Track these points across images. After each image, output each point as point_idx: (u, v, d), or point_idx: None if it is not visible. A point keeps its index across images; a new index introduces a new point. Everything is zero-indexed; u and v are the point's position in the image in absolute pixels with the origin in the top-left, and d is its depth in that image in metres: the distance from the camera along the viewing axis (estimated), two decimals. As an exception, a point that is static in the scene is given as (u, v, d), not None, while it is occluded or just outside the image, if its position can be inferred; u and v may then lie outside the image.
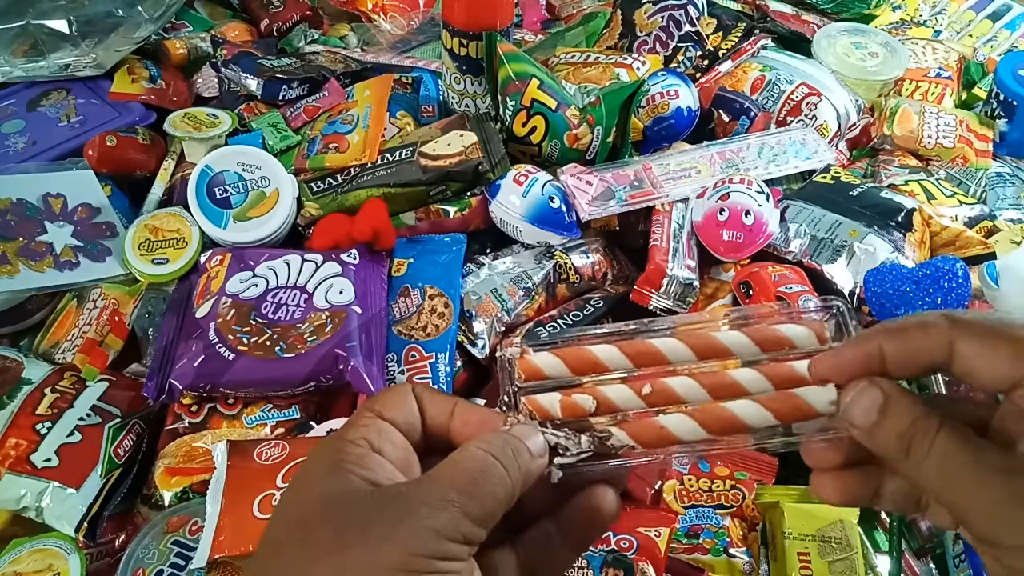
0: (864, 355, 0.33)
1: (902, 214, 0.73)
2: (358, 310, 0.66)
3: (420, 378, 0.65)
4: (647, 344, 0.36)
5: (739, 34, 0.97)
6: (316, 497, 0.30)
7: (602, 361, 0.36)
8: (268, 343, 0.62)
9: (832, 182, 0.79)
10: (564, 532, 0.35)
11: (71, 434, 0.61)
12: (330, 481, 0.30)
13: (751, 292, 0.69)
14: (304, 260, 0.69)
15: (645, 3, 0.96)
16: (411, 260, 0.73)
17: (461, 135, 0.77)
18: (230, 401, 0.64)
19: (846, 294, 0.68)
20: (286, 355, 0.62)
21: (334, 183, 0.77)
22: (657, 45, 0.95)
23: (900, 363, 0.32)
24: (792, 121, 0.86)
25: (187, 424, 0.63)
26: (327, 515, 0.29)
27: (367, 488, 0.29)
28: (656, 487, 0.64)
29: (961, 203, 0.79)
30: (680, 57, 0.95)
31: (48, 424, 0.61)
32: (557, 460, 0.34)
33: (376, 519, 0.28)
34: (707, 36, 0.96)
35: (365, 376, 0.61)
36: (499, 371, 0.36)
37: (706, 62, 0.95)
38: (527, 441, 0.32)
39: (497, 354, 0.37)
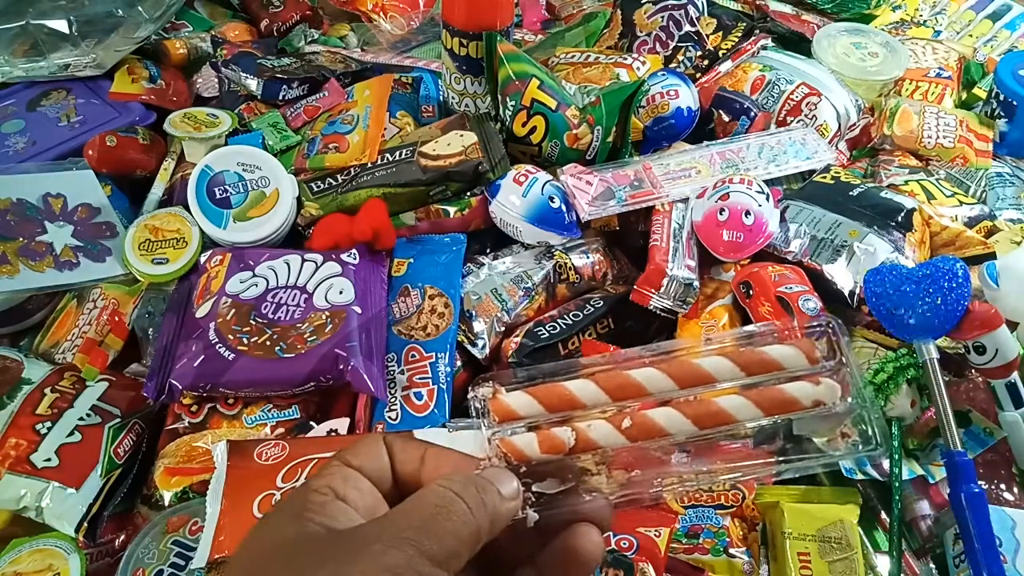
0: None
1: (902, 214, 0.73)
2: (358, 310, 0.66)
3: (420, 378, 0.65)
4: (625, 376, 0.34)
5: (739, 34, 0.97)
6: (273, 542, 0.29)
7: (578, 397, 0.34)
8: (268, 343, 0.62)
9: (832, 182, 0.79)
10: None
11: (71, 434, 0.61)
12: (288, 528, 0.29)
13: (751, 292, 0.69)
14: (304, 260, 0.69)
15: (645, 3, 0.96)
16: (411, 260, 0.73)
17: (461, 135, 0.77)
18: (230, 401, 0.64)
19: (846, 294, 0.68)
20: (286, 355, 0.62)
21: (334, 183, 0.77)
22: (657, 45, 0.95)
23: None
24: (792, 121, 0.86)
25: (187, 424, 0.63)
26: (282, 559, 0.28)
27: (324, 532, 0.28)
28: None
29: (961, 203, 0.79)
30: (680, 57, 0.95)
31: (48, 424, 0.61)
32: (535, 489, 0.33)
33: (327, 560, 0.27)
34: (707, 36, 0.96)
35: (365, 376, 0.61)
36: (474, 412, 0.35)
37: (706, 62, 0.95)
38: (498, 483, 0.31)
39: (469, 395, 0.36)
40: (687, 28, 0.94)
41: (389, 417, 0.63)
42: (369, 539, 0.27)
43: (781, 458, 0.36)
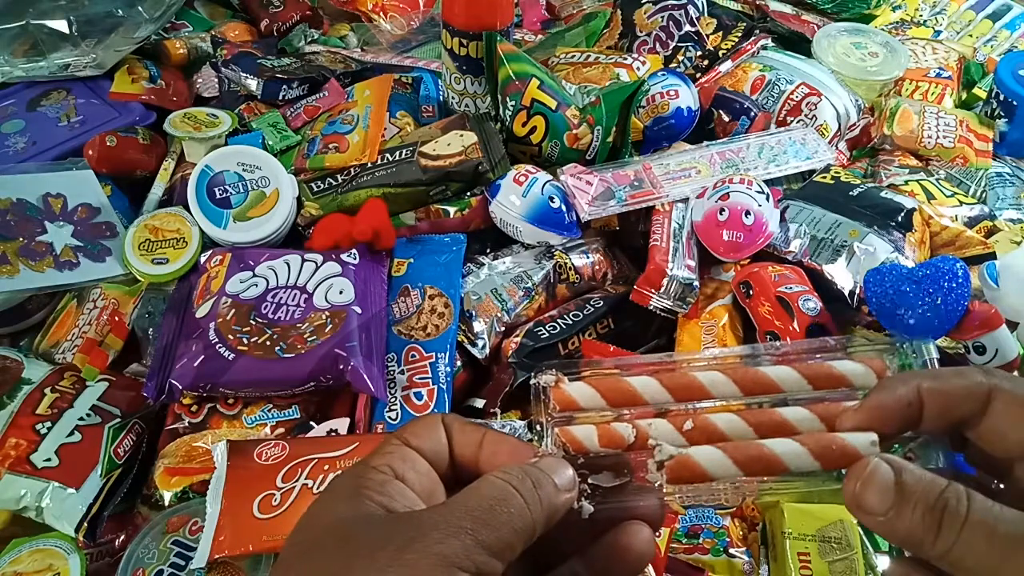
0: (899, 400, 0.31)
1: (902, 214, 0.73)
2: (358, 310, 0.65)
3: (420, 378, 0.65)
4: (689, 377, 0.34)
5: (739, 34, 0.97)
6: (330, 521, 0.29)
7: (641, 393, 0.34)
8: (268, 343, 0.62)
9: (832, 182, 0.79)
10: (594, 572, 0.33)
11: (71, 434, 0.61)
12: (346, 506, 0.29)
13: (751, 292, 0.69)
14: (304, 260, 0.69)
15: (645, 3, 0.96)
16: (411, 260, 0.73)
17: (461, 135, 0.77)
18: (230, 401, 0.64)
19: (846, 294, 0.68)
20: (286, 355, 0.62)
21: (334, 183, 0.77)
22: (657, 45, 0.95)
23: (937, 411, 0.31)
24: (792, 121, 0.86)
25: (187, 424, 0.63)
26: (338, 539, 0.28)
27: (381, 514, 0.29)
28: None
29: (961, 203, 0.79)
30: (680, 57, 0.95)
31: (48, 424, 0.61)
32: (590, 482, 0.33)
33: (385, 544, 0.27)
34: (707, 36, 0.96)
35: (365, 376, 0.61)
36: (532, 399, 0.35)
37: (706, 62, 0.95)
38: (554, 475, 0.31)
39: (531, 381, 0.36)
40: (687, 28, 0.94)
41: (389, 417, 0.63)
42: (428, 526, 0.28)
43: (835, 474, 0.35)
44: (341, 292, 0.66)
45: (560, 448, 0.34)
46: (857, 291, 0.68)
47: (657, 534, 0.58)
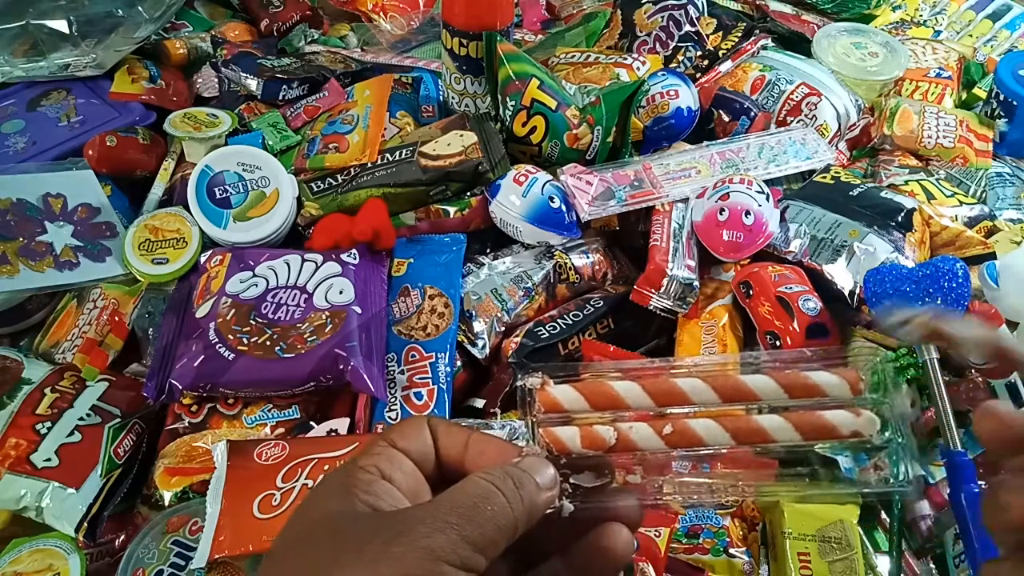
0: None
1: (902, 214, 0.73)
2: (358, 310, 0.65)
3: (420, 378, 0.65)
4: (670, 383, 0.36)
5: (739, 34, 0.97)
6: (319, 517, 0.30)
7: (623, 398, 0.35)
8: (268, 343, 0.62)
9: (832, 182, 0.79)
10: (574, 571, 0.34)
11: (71, 434, 0.61)
12: (335, 503, 0.30)
13: (751, 292, 0.69)
14: (304, 260, 0.69)
15: (645, 3, 0.96)
16: (411, 260, 0.73)
17: (461, 135, 0.77)
18: (230, 401, 0.64)
19: (846, 294, 0.68)
20: (286, 355, 0.62)
21: (334, 183, 0.77)
22: (657, 45, 0.95)
23: None
24: (792, 121, 0.86)
25: (187, 424, 0.63)
26: (326, 534, 0.29)
27: (369, 511, 0.30)
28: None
29: (961, 203, 0.79)
30: (680, 57, 0.95)
31: (48, 424, 0.61)
32: (572, 481, 0.34)
33: (372, 538, 0.28)
34: (707, 36, 0.96)
35: (365, 376, 0.61)
36: (519, 400, 0.36)
37: (706, 62, 0.95)
38: (535, 474, 0.32)
39: (518, 382, 0.37)
40: (687, 28, 0.94)
41: (389, 417, 0.63)
42: (415, 521, 0.28)
43: (810, 480, 0.36)
44: (341, 292, 0.66)
45: (544, 448, 0.35)
46: (857, 291, 0.68)
47: (657, 533, 0.58)
